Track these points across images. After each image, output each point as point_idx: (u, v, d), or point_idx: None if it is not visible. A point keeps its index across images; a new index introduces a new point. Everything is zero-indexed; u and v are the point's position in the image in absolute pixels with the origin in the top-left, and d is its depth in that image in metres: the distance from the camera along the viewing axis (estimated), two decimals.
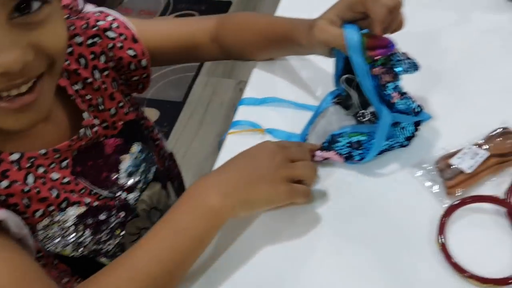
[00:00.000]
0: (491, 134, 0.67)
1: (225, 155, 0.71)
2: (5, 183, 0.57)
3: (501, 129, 0.67)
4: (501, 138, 0.66)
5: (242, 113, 0.80)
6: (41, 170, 0.61)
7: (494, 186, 0.65)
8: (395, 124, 0.67)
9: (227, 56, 0.86)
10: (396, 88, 0.62)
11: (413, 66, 0.65)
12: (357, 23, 0.65)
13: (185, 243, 0.58)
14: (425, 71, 0.66)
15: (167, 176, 0.87)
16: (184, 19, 0.91)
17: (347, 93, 0.69)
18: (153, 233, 0.58)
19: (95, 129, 0.68)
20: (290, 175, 0.62)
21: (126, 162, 0.72)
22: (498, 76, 0.78)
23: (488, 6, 0.88)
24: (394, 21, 0.65)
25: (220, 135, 2.16)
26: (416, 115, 0.67)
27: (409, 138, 0.69)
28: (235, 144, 0.73)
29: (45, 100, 0.55)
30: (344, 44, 0.63)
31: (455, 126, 0.71)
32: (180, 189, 0.97)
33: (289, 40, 0.76)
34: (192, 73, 2.30)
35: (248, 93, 0.84)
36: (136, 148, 0.74)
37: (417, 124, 0.69)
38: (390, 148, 0.69)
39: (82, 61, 0.69)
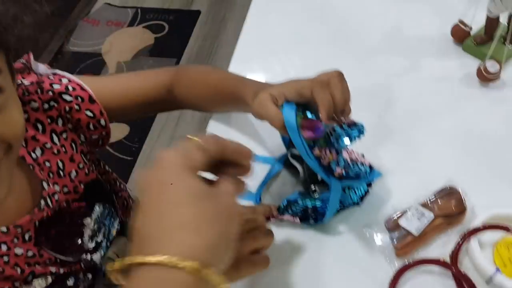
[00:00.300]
0: (436, 193, 0.70)
1: None
2: None
3: (446, 188, 0.70)
4: (445, 198, 0.69)
5: None
6: (4, 248, 0.61)
7: (441, 246, 0.67)
8: (347, 188, 0.69)
9: (182, 107, 0.88)
10: (340, 163, 0.64)
11: (359, 132, 0.65)
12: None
13: None
14: (375, 122, 0.67)
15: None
16: (141, 73, 0.90)
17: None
18: None
19: (56, 197, 0.68)
20: (248, 249, 0.59)
21: (89, 225, 0.73)
22: (447, 127, 0.81)
23: (437, 52, 0.91)
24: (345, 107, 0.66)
25: None
26: (367, 176, 0.69)
27: (362, 198, 0.72)
28: None
29: (3, 184, 0.56)
30: (280, 126, 0.63)
31: (404, 182, 0.74)
32: None
33: (238, 99, 0.76)
34: None
35: None
36: (98, 209, 0.75)
37: (369, 183, 0.71)
38: (344, 208, 0.71)
39: (39, 126, 0.69)
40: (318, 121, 0.62)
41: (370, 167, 0.70)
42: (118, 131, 2.18)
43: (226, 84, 0.79)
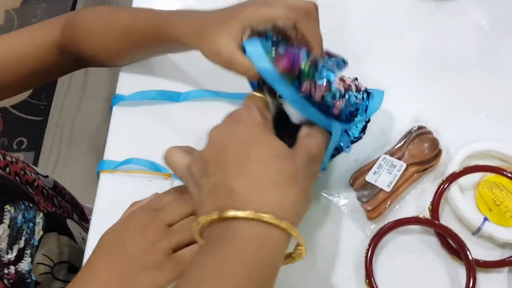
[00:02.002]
0: (405, 137, 0.59)
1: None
2: None
3: (416, 129, 0.59)
4: (416, 141, 0.58)
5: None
6: None
7: (416, 198, 0.58)
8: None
9: (84, 66, 0.71)
10: (335, 95, 0.50)
11: (341, 65, 0.54)
12: None
13: None
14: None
15: (61, 215, 0.74)
16: (22, 32, 0.70)
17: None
18: None
19: None
20: (170, 246, 0.49)
21: (4, 234, 0.58)
22: (403, 53, 0.69)
23: None
24: None
25: (108, 99, 1.97)
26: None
27: (364, 129, 0.58)
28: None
29: None
30: (255, 78, 0.49)
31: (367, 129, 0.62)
32: (82, 219, 0.84)
33: (163, 41, 0.59)
34: None
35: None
36: (9, 214, 0.60)
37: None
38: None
39: None
40: (295, 49, 0.48)
41: (367, 92, 0.55)
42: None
43: (141, 24, 0.61)
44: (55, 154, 1.78)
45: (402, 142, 0.59)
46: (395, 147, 0.59)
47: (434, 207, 0.56)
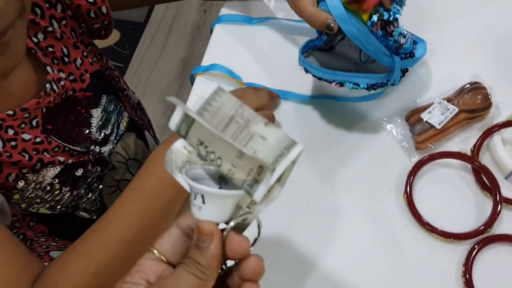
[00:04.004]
0: (462, 89, 0.68)
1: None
2: None
3: (472, 83, 0.68)
4: (471, 93, 0.67)
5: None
6: (11, 132, 0.58)
7: (461, 141, 0.66)
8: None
9: None
10: (401, 33, 0.60)
11: (403, 1, 0.62)
12: None
13: (156, 208, 0.57)
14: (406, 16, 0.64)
15: (141, 125, 0.86)
16: None
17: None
18: (124, 198, 0.58)
19: (62, 83, 0.64)
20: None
21: (97, 115, 0.70)
22: (474, 26, 0.78)
23: None
24: None
25: (185, 59, 2.12)
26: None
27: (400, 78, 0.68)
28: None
29: (20, 43, 0.53)
30: (323, 27, 0.59)
31: (428, 78, 0.72)
32: (155, 137, 0.95)
33: None
34: None
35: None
36: (105, 100, 0.72)
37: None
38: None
39: (38, 11, 0.64)
40: None
41: (414, 40, 0.66)
42: (109, 37, 2.10)
43: None
44: (140, 121, 1.93)
45: (458, 92, 0.68)
46: (452, 95, 0.68)
47: (476, 148, 0.64)
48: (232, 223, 0.34)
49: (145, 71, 2.01)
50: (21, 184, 0.59)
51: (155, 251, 0.36)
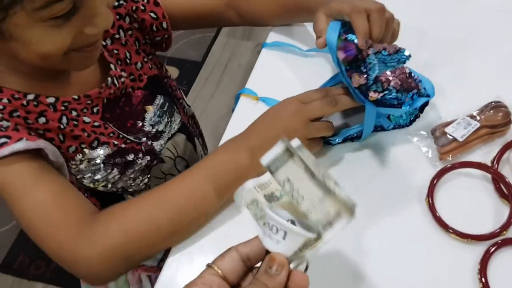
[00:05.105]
0: (484, 107, 0.74)
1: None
2: (42, 119, 0.66)
3: (494, 102, 0.73)
4: (492, 111, 0.72)
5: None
6: (74, 113, 0.70)
7: (483, 154, 0.72)
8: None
9: (242, 22, 0.92)
10: (371, 88, 0.65)
11: (398, 60, 0.67)
12: None
13: (214, 186, 0.64)
14: (431, 46, 0.71)
15: (192, 132, 0.95)
16: None
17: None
18: (188, 172, 0.66)
19: (122, 79, 0.76)
20: (308, 136, 0.68)
21: (151, 111, 0.80)
22: (497, 53, 0.84)
23: None
24: (387, 33, 0.70)
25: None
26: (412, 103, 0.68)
27: (412, 120, 0.75)
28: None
29: (97, 50, 0.66)
30: (318, 43, 0.68)
31: (453, 98, 0.78)
32: (204, 146, 1.05)
33: (304, 9, 0.81)
34: (212, 33, 2.35)
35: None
36: (159, 100, 0.83)
37: (422, 107, 0.74)
38: (393, 128, 0.75)
39: None
40: (352, 43, 0.66)
41: (419, 92, 0.68)
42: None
43: None
44: (192, 128, 2.06)
45: (481, 110, 0.73)
46: (474, 112, 0.73)
47: (496, 159, 0.69)
48: (303, 262, 0.43)
49: (199, 106, 2.14)
50: (79, 156, 0.70)
51: (216, 268, 0.44)
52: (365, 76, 0.65)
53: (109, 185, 0.75)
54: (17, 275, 1.67)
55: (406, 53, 0.67)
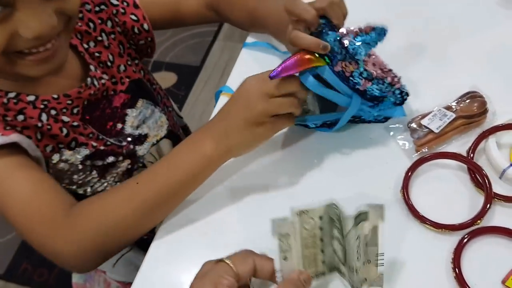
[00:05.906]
0: (460, 97, 0.73)
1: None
2: (21, 117, 0.67)
3: (470, 92, 0.73)
4: (468, 101, 0.72)
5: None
6: (53, 112, 0.71)
7: (460, 145, 0.71)
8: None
9: (225, 21, 0.92)
10: (362, 74, 0.65)
11: (378, 35, 0.66)
12: None
13: (179, 177, 0.66)
14: (407, 37, 0.71)
15: (181, 139, 0.95)
16: None
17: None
18: (153, 166, 0.68)
19: (103, 81, 0.77)
20: (270, 112, 0.64)
21: (132, 114, 0.81)
22: (473, 43, 0.84)
23: None
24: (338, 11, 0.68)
25: None
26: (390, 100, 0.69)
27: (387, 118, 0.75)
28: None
29: (61, 52, 0.66)
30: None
31: (430, 90, 0.78)
32: None
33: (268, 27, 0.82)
34: (209, 38, 2.36)
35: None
36: (141, 103, 0.83)
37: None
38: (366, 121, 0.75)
39: (91, 25, 0.78)
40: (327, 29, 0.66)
41: (400, 88, 0.69)
42: (167, 79, 2.27)
43: (259, 11, 0.82)
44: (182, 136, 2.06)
45: (457, 100, 0.73)
46: (450, 103, 0.73)
47: (472, 149, 0.69)
48: None
49: (198, 111, 2.15)
50: (56, 157, 0.71)
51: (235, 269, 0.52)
52: (355, 61, 0.64)
53: (88, 189, 0.76)
54: (21, 282, 1.69)
55: (383, 27, 0.66)
